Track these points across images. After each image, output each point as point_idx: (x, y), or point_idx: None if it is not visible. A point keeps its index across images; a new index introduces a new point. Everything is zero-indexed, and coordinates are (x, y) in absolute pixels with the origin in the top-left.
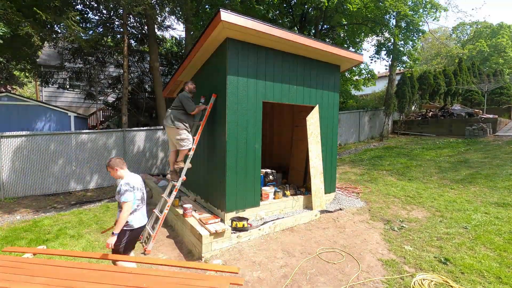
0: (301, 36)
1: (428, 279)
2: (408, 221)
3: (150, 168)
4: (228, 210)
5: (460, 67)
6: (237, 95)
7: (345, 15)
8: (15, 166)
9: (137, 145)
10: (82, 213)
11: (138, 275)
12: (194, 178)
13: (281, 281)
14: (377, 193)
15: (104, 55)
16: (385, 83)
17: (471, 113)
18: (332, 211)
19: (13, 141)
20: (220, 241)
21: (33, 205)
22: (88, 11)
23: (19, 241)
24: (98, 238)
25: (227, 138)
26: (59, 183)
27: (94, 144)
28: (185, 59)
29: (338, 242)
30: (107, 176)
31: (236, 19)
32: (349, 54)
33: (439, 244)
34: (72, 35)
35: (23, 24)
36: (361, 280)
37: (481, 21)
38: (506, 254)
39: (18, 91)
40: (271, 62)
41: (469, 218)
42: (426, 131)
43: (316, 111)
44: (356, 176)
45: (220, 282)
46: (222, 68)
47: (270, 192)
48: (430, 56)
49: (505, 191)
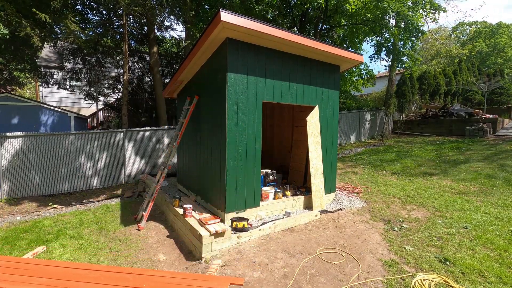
0: (301, 36)
1: (429, 279)
2: (408, 221)
3: (151, 169)
4: (228, 210)
5: (460, 67)
6: (237, 96)
7: (345, 16)
8: (15, 167)
9: (138, 146)
10: (82, 214)
11: (138, 275)
12: (194, 178)
13: (281, 281)
14: (377, 193)
15: (104, 55)
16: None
17: (471, 113)
18: (332, 211)
19: (13, 142)
20: (220, 241)
21: (33, 205)
22: (88, 12)
23: (19, 241)
24: (98, 239)
25: (227, 138)
26: (59, 183)
27: (94, 145)
28: (185, 60)
29: (338, 242)
30: (107, 177)
31: (236, 20)
32: (349, 54)
33: (439, 244)
34: (72, 35)
35: (22, 25)
36: (362, 280)
37: (480, 21)
38: (507, 254)
39: (18, 92)
40: (271, 62)
41: (470, 218)
42: (426, 131)
43: (316, 111)
44: (356, 176)
45: (220, 282)
46: (222, 68)
47: (270, 193)
48: (430, 56)
49: (506, 191)
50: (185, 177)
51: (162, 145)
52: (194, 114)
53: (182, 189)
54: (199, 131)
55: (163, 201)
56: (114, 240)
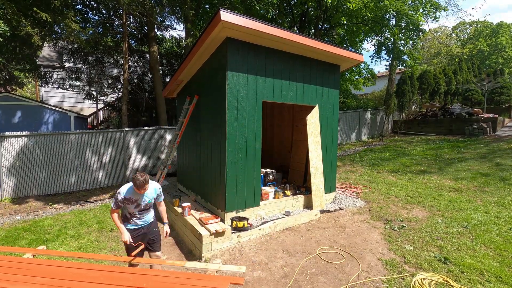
0: (301, 36)
1: (428, 278)
2: (408, 221)
3: (151, 168)
4: (228, 210)
5: (460, 66)
6: (237, 95)
7: (345, 15)
8: (15, 166)
9: (138, 145)
10: (82, 213)
11: (138, 275)
12: (194, 178)
13: (281, 280)
14: (377, 193)
15: (104, 55)
16: (385, 82)
17: (471, 112)
18: (332, 210)
19: (13, 141)
20: (220, 241)
21: (33, 205)
22: (88, 11)
23: (19, 241)
24: (98, 238)
25: (227, 138)
26: (59, 183)
27: (94, 144)
28: (185, 59)
29: (338, 241)
30: (107, 176)
31: (236, 19)
32: (349, 54)
33: (439, 244)
34: (72, 35)
35: (22, 24)
36: (361, 279)
37: (481, 21)
38: (506, 253)
39: (18, 91)
40: (271, 61)
41: (469, 218)
42: (426, 131)
43: (316, 111)
44: (356, 176)
45: (220, 282)
46: (222, 68)
47: (270, 192)
48: (430, 55)
49: (505, 190)
50: (185, 177)
51: (164, 142)
52: (194, 114)
53: (182, 189)
54: (199, 131)
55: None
56: (114, 240)
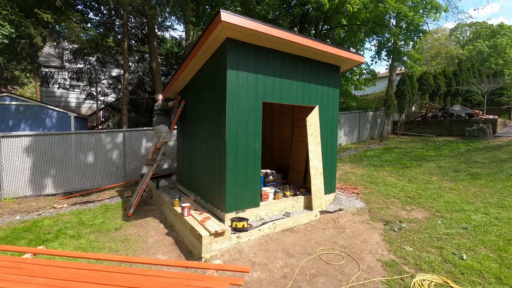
0: (301, 37)
1: (428, 279)
2: (408, 222)
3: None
4: (228, 210)
5: (460, 67)
6: (237, 95)
7: (345, 16)
8: (15, 166)
9: (138, 145)
10: (82, 213)
11: (138, 275)
12: (194, 178)
13: (281, 281)
14: (377, 194)
15: (104, 55)
16: (385, 83)
17: (471, 113)
18: (332, 211)
19: (14, 141)
20: (220, 241)
21: (33, 205)
22: (89, 12)
23: (19, 241)
24: (98, 238)
25: (227, 138)
26: (59, 183)
27: (94, 144)
28: (185, 59)
29: (338, 242)
30: (107, 177)
31: (236, 20)
32: (349, 55)
33: (439, 245)
34: (73, 35)
35: (25, 25)
36: (361, 280)
37: (480, 22)
38: (506, 254)
39: (18, 91)
40: (271, 62)
41: (469, 219)
42: (426, 132)
43: (316, 111)
44: (356, 177)
45: (219, 282)
46: (222, 68)
47: (270, 193)
48: (430, 56)
49: (505, 191)
50: (185, 177)
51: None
52: (193, 114)
53: (182, 189)
54: (199, 131)
55: (163, 201)
56: (114, 240)
